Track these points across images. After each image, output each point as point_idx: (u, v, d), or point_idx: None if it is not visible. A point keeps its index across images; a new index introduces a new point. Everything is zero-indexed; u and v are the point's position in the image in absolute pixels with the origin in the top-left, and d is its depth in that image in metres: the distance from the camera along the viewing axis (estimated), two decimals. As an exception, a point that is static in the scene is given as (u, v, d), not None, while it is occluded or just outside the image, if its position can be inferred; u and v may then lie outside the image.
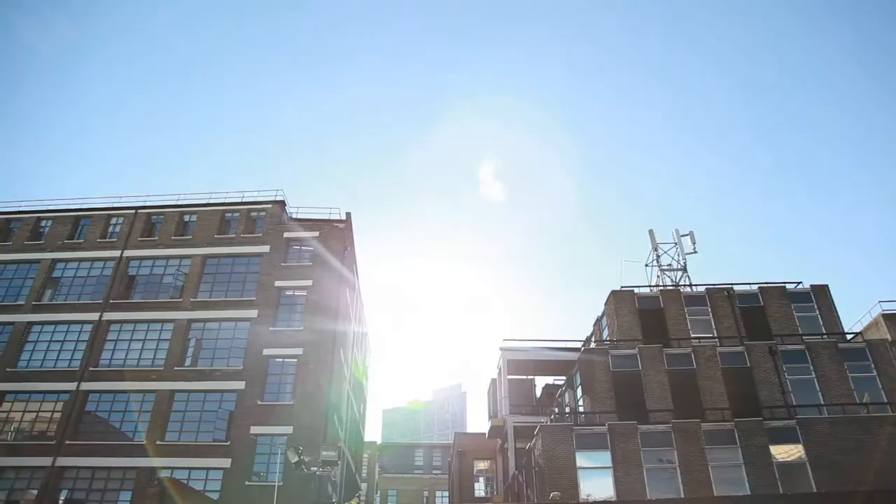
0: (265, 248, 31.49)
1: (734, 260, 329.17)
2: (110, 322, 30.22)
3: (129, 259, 32.18)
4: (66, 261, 32.56)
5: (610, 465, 21.59)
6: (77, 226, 34.02)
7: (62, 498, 25.75)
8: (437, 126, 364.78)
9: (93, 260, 32.41)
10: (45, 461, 26.55)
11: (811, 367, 24.67)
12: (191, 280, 31.03)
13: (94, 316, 30.25)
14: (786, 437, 21.96)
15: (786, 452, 21.87)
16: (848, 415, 22.90)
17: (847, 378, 24.39)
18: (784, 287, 28.12)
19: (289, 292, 30.36)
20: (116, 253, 32.22)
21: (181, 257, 31.87)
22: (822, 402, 23.88)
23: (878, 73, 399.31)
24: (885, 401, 23.82)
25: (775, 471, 21.33)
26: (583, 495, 20.75)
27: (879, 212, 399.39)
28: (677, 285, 30.89)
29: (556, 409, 29.59)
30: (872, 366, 24.71)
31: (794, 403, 23.92)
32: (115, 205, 34.55)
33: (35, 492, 25.77)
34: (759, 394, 24.20)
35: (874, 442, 21.47)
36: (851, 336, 26.93)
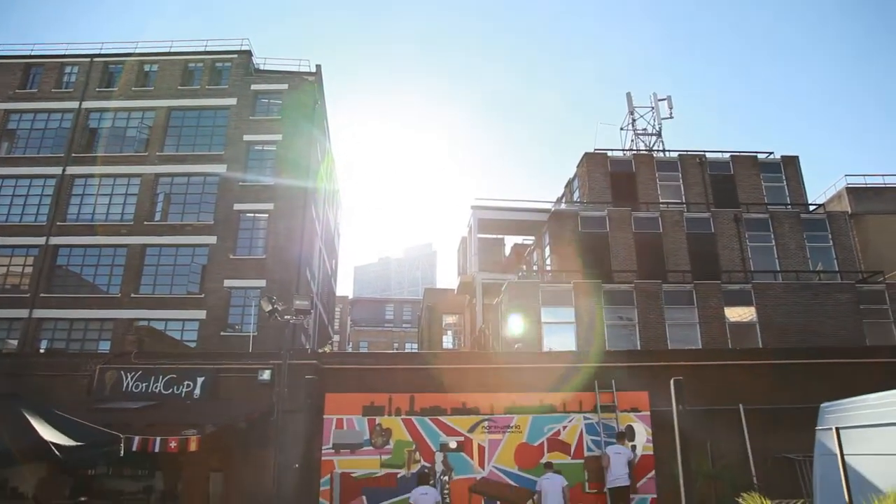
0: (232, 101, 30.38)
1: (709, 128, 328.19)
2: (74, 176, 29.47)
3: (89, 111, 30.83)
4: (21, 111, 31.03)
5: (573, 320, 22.65)
6: (28, 74, 32.08)
7: (42, 348, 26.35)
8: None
9: (49, 111, 30.96)
10: (22, 313, 26.89)
11: (772, 236, 25.52)
12: (155, 133, 30.07)
13: (57, 170, 29.42)
14: (740, 300, 23.14)
15: (739, 314, 23.12)
16: (801, 281, 24.06)
17: (805, 247, 25.38)
18: (755, 157, 28.39)
19: (258, 147, 29.72)
20: (74, 104, 30.78)
21: (144, 109, 30.64)
22: (779, 269, 24.93)
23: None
24: (837, 269, 24.98)
25: (727, 330, 22.64)
26: (545, 348, 21.89)
27: (863, 87, 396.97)
28: (651, 150, 30.93)
29: (524, 268, 30.44)
30: (830, 237, 25.67)
31: (752, 269, 24.94)
32: (68, 52, 32.52)
33: (15, 342, 26.29)
34: (719, 259, 25.13)
35: (821, 307, 22.82)
36: (814, 207, 27.66)
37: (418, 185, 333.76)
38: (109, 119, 30.78)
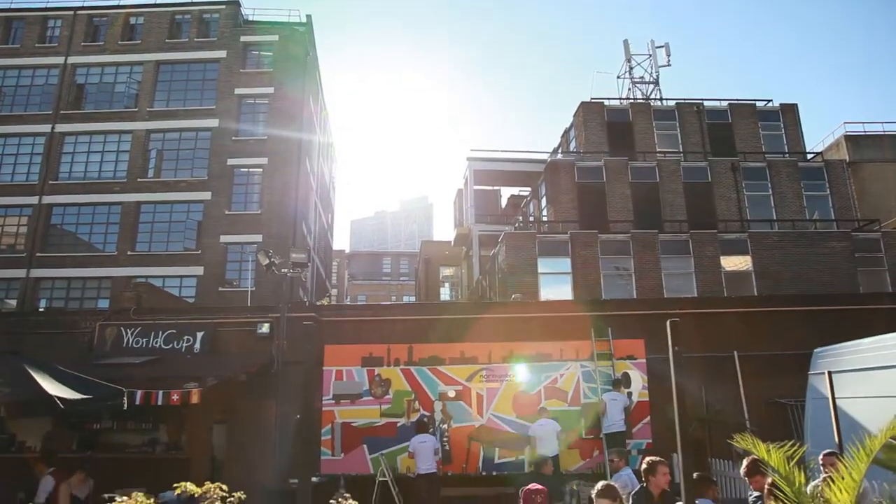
0: (221, 54, 29.78)
1: (707, 77, 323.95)
2: (64, 134, 29.06)
3: (76, 66, 30.20)
4: (4, 68, 30.37)
5: (569, 270, 22.76)
6: (9, 29, 31.30)
7: (42, 307, 26.43)
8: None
9: (35, 67, 30.31)
10: (20, 273, 26.88)
11: (769, 185, 25.45)
12: (145, 88, 29.55)
13: (46, 128, 28.98)
14: (736, 249, 23.22)
15: (735, 263, 23.23)
16: (797, 230, 24.11)
17: (802, 196, 25.34)
18: (754, 105, 28.10)
19: (249, 100, 29.27)
20: (60, 59, 30.12)
21: (132, 64, 30.02)
22: (775, 218, 24.95)
23: None
24: (833, 218, 25.00)
25: (722, 279, 22.79)
26: (542, 299, 22.04)
27: (865, 33, 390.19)
28: (648, 99, 30.58)
29: (521, 219, 30.43)
30: (827, 185, 25.61)
31: (749, 218, 24.95)
32: (51, 5, 31.66)
33: (14, 302, 26.35)
34: (716, 208, 25.11)
35: (816, 256, 22.93)
36: (812, 156, 27.52)
37: (413, 137, 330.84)
38: (97, 74, 30.22)
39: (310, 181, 31.39)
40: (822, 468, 6.60)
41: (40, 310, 25.81)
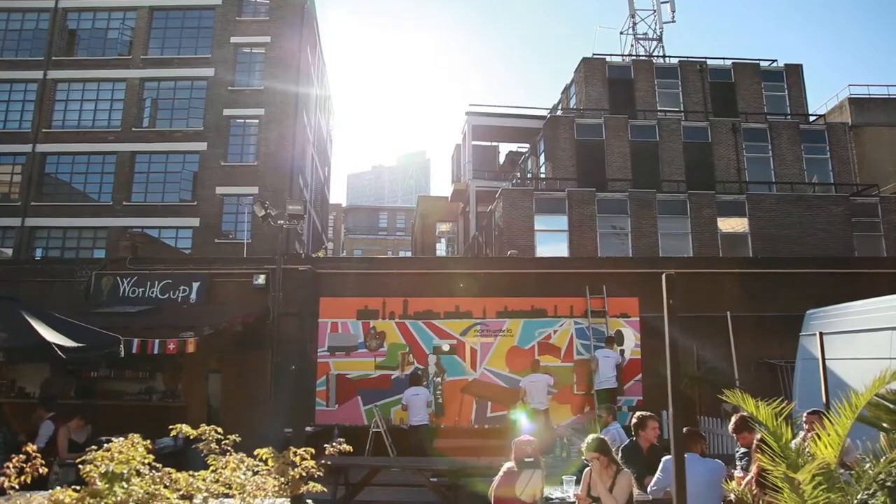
0: (217, 1, 29.09)
1: (712, 35, 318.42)
2: (56, 81, 28.51)
3: (67, 11, 29.44)
4: (-9, 11, 29.63)
5: (566, 228, 22.76)
6: (-2, -31, 30.41)
7: (38, 256, 26.40)
8: None
9: (25, 10, 29.55)
10: (15, 222, 26.73)
11: (769, 147, 25.25)
12: (139, 35, 28.90)
13: (38, 74, 28.42)
14: (734, 211, 23.19)
15: (731, 225, 23.23)
16: (795, 193, 24.04)
17: (802, 159, 25.17)
18: (758, 64, 27.68)
19: (246, 49, 28.73)
20: (50, 3, 29.31)
21: (125, 9, 29.27)
22: (774, 180, 24.85)
23: None
24: (832, 182, 24.90)
25: (719, 240, 22.82)
26: (538, 256, 22.08)
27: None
28: (651, 56, 30.11)
29: (518, 175, 30.29)
30: (828, 148, 25.42)
31: (748, 180, 24.85)
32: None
33: (9, 251, 26.27)
34: (715, 169, 24.97)
35: (813, 219, 22.93)
36: (814, 118, 27.25)
37: (412, 93, 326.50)
38: (89, 20, 29.51)
39: (307, 133, 31.06)
40: (804, 425, 6.71)
41: (36, 258, 25.78)
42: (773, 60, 27.82)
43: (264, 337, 13.78)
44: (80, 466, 2.67)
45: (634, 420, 7.28)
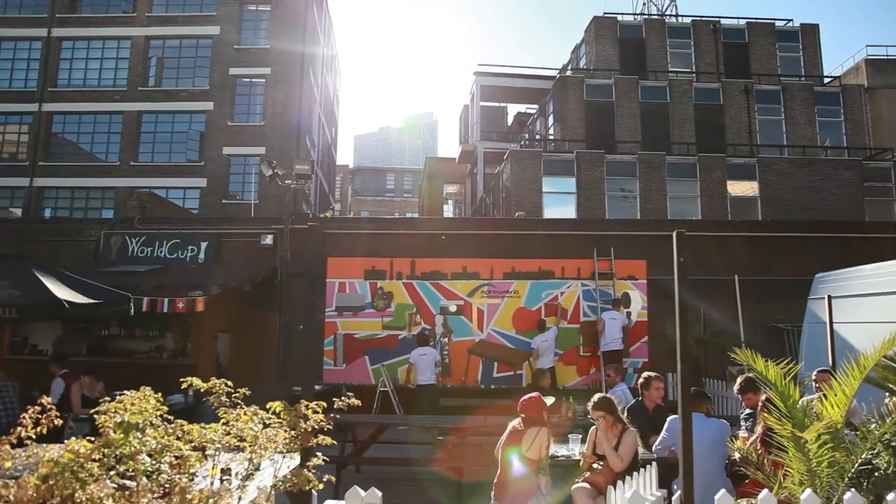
0: (222, -43, 28.53)
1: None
2: (61, 39, 28.19)
3: (70, -34, 29.01)
4: (-5, -35, 29.17)
5: (574, 190, 22.62)
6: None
7: (47, 216, 26.47)
8: None
9: (25, -36, 29.10)
10: (23, 182, 26.75)
11: (782, 109, 24.86)
12: (142, -9, 28.49)
13: (42, 32, 28.08)
14: (744, 174, 22.96)
15: (741, 188, 23.03)
16: (806, 156, 23.73)
17: (815, 122, 24.79)
18: (773, 24, 27.11)
19: (251, 7, 28.26)
20: (51, -44, 28.89)
21: (128, -36, 28.82)
22: (785, 144, 24.52)
23: None
24: (845, 145, 24.54)
25: (728, 204, 22.65)
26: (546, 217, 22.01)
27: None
28: (663, 15, 29.52)
29: (527, 137, 30.03)
30: (842, 111, 24.99)
31: (759, 143, 24.53)
32: None
33: (19, 210, 26.34)
34: (726, 131, 24.65)
35: (824, 184, 22.66)
36: (829, 80, 26.75)
37: (419, 52, 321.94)
38: (92, -25, 29.07)
39: (314, 93, 30.75)
40: (814, 384, 6.74)
41: (45, 218, 25.86)
42: (789, 20, 27.24)
43: (272, 297, 13.86)
44: (96, 417, 2.71)
45: (640, 380, 7.34)
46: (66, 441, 2.70)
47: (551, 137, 25.87)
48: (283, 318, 13.60)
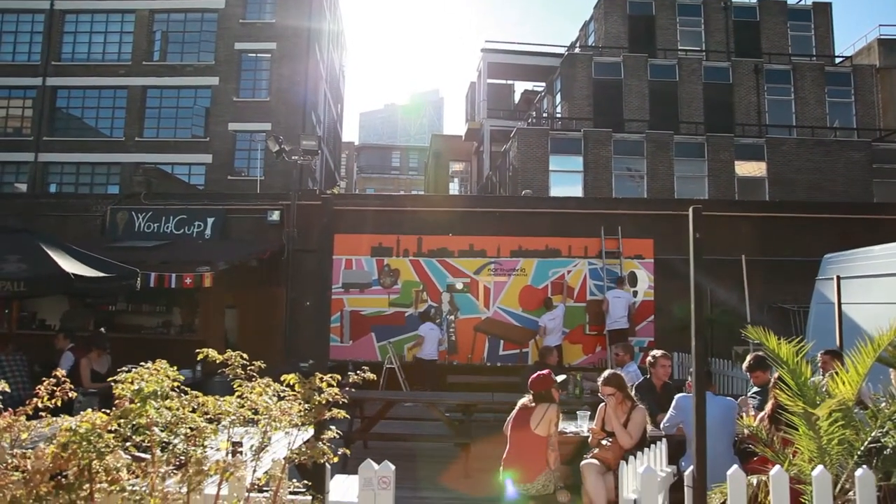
0: (227, -71, 28.15)
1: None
2: (64, 12, 27.96)
3: (72, -63, 28.67)
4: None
5: (581, 169, 22.52)
6: None
7: (52, 191, 26.46)
8: None
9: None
10: (28, 157, 26.71)
11: (792, 89, 24.60)
12: (146, -37, 28.18)
13: (45, 4, 27.81)
14: (752, 154, 22.80)
15: (749, 169, 22.88)
16: (815, 137, 23.52)
17: (825, 102, 24.53)
18: (785, 2, 26.72)
19: (257, -20, 28.00)
20: (55, -72, 28.55)
21: (131, -65, 28.46)
22: (794, 124, 24.29)
23: None
24: (854, 126, 24.30)
25: (735, 184, 22.52)
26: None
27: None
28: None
29: (534, 115, 29.82)
30: (853, 92, 24.72)
31: (768, 123, 24.31)
32: None
33: (24, 186, 26.34)
34: (735, 111, 24.43)
35: (832, 165, 22.49)
36: (840, 60, 26.42)
37: (425, 28, 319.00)
38: (95, -54, 28.74)
39: (319, 69, 30.53)
40: (820, 365, 6.74)
41: (51, 193, 25.87)
42: (801, -1, 26.87)
43: (279, 273, 13.90)
44: (106, 389, 2.72)
45: (649, 359, 7.35)
46: (75, 415, 2.71)
47: (558, 115, 25.68)
48: (290, 295, 13.64)
